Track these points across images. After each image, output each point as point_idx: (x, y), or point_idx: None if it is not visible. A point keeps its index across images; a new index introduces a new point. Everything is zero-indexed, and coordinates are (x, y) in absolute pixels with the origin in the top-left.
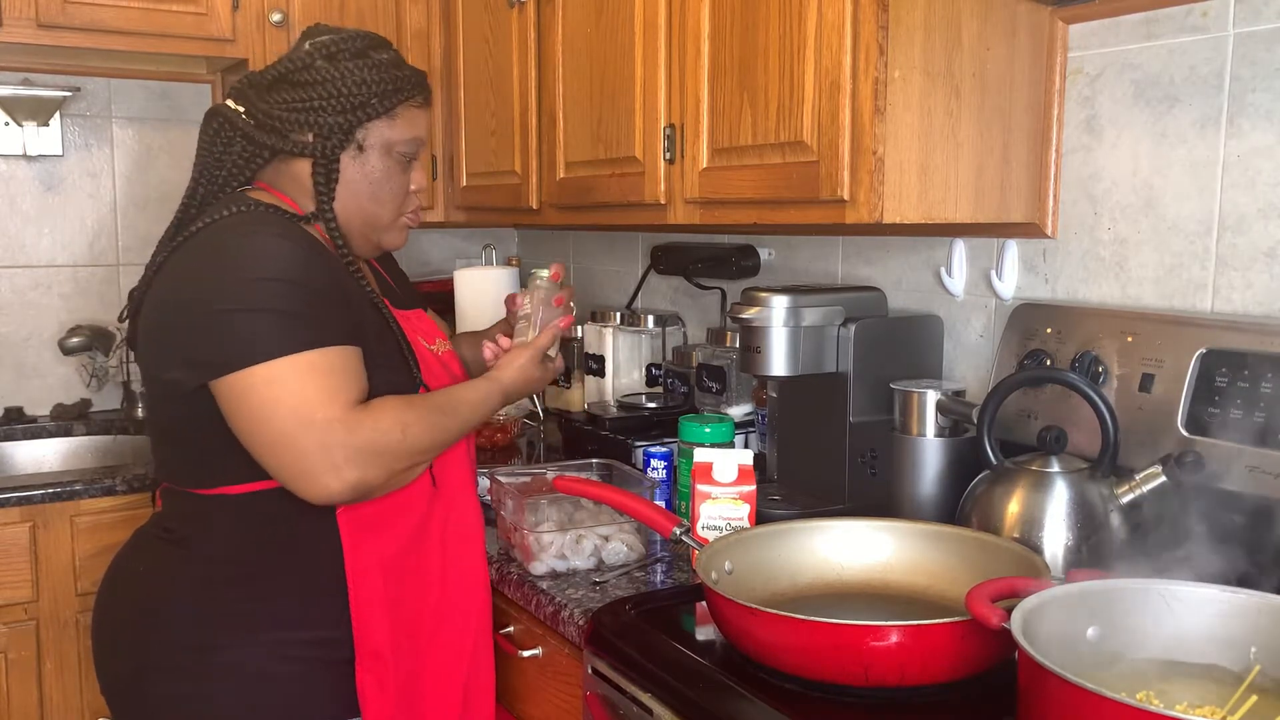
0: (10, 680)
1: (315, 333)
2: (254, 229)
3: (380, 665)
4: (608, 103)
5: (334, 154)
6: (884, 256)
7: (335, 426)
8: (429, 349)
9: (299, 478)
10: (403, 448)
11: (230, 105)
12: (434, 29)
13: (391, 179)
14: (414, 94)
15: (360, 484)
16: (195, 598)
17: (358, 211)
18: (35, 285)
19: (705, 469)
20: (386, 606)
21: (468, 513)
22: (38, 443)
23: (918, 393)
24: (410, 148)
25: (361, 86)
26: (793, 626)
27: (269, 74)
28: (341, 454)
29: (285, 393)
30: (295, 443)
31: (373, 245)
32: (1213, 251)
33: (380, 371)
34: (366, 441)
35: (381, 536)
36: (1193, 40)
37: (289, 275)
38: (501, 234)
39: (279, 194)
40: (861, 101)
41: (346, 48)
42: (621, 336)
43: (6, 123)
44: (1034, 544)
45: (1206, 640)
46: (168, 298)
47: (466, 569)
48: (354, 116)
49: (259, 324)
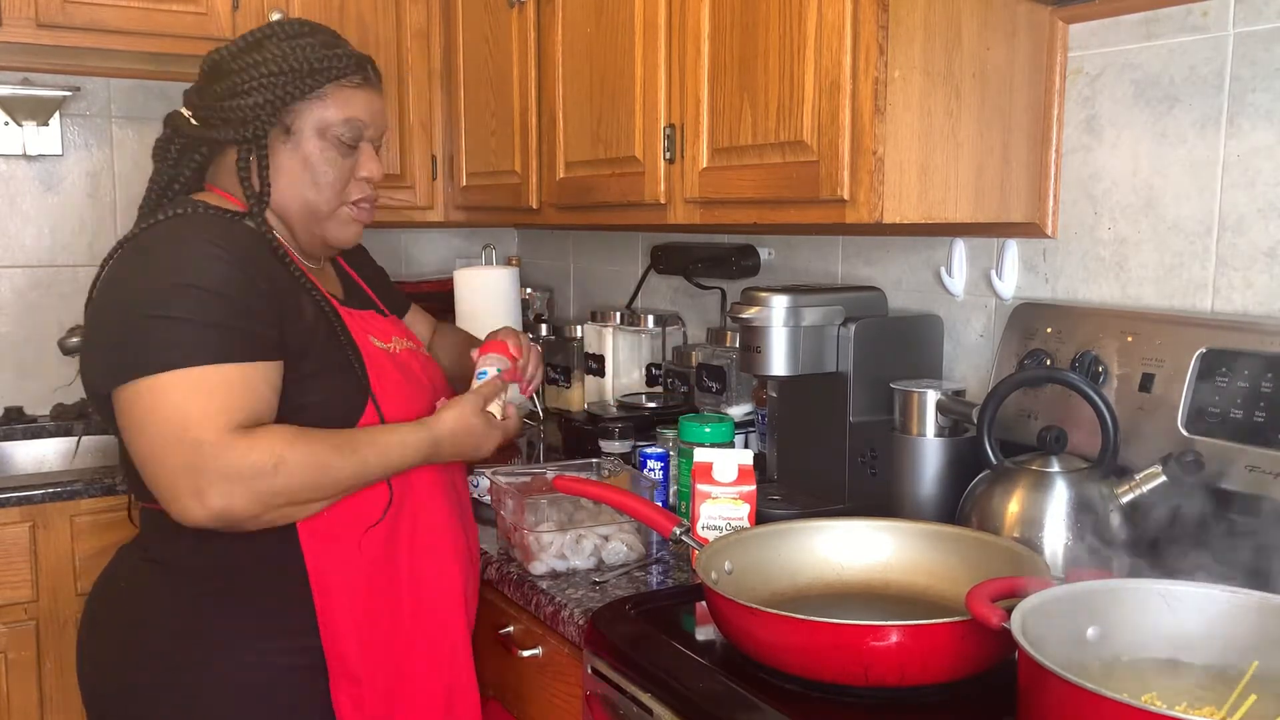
0: (10, 680)
1: (220, 347)
2: (182, 233)
3: (355, 685)
4: (608, 103)
5: (258, 136)
6: (884, 256)
7: (204, 448)
8: (381, 347)
9: (166, 498)
10: (273, 482)
11: (181, 111)
12: (434, 29)
13: (329, 163)
14: (345, 73)
15: (225, 513)
16: (175, 614)
17: (295, 199)
18: (35, 285)
19: (705, 469)
20: (356, 623)
21: (436, 516)
22: (38, 443)
23: (918, 393)
24: (348, 130)
25: (284, 65)
26: (793, 626)
27: (203, 69)
28: (205, 478)
29: (167, 406)
30: (163, 460)
31: (319, 240)
32: (1213, 251)
33: (331, 374)
34: (231, 468)
35: (345, 548)
36: (1193, 40)
37: (207, 284)
38: (501, 234)
39: (224, 194)
40: (861, 101)
41: (277, 33)
42: (621, 336)
43: (6, 123)
44: (1034, 544)
45: (1206, 640)
46: (96, 304)
47: (437, 576)
48: (275, 95)
49: (164, 333)
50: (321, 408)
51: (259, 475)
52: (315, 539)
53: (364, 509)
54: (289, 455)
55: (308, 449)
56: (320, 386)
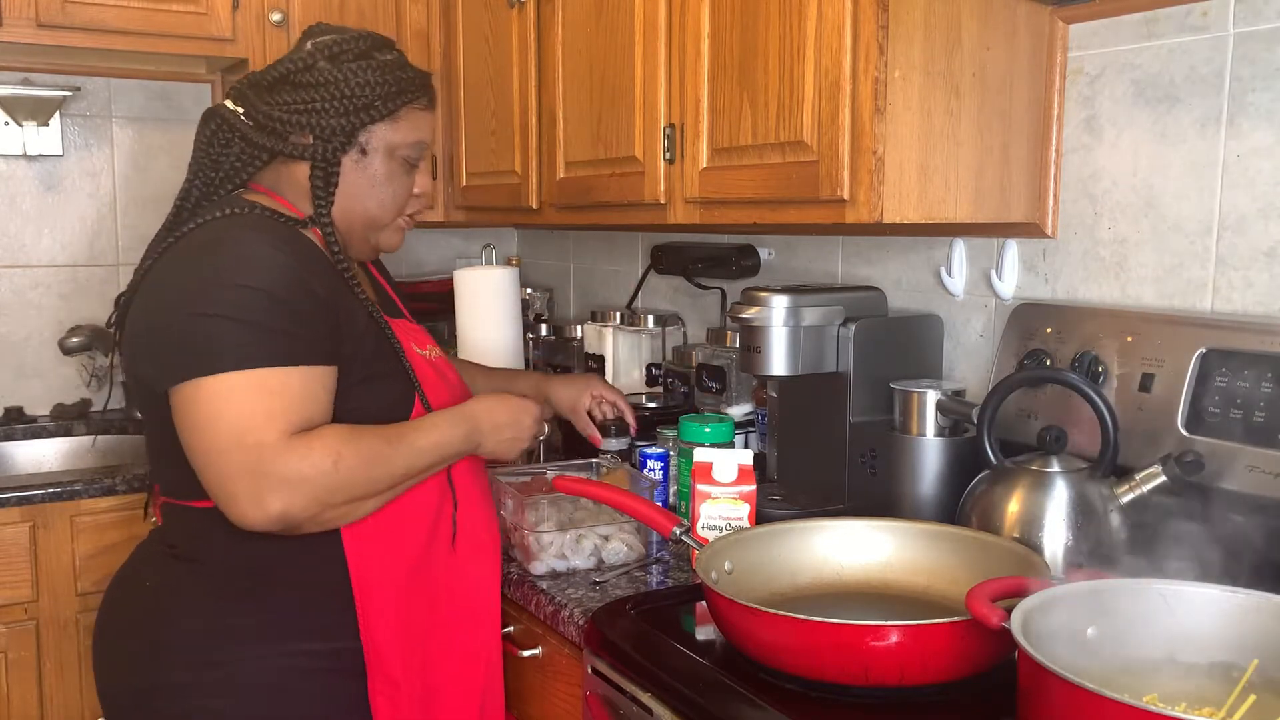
0: (10, 680)
1: (282, 350)
2: (245, 234)
3: (393, 687)
4: (608, 103)
5: (334, 157)
6: (884, 256)
7: (264, 452)
8: (421, 354)
9: (223, 500)
10: (333, 480)
11: (229, 106)
12: (434, 29)
13: (394, 182)
14: (418, 96)
15: (285, 516)
16: (206, 613)
17: (360, 215)
18: (35, 285)
19: (705, 469)
20: (396, 625)
21: (479, 521)
22: (38, 443)
23: (918, 393)
24: (414, 151)
25: (364, 88)
26: (793, 626)
27: (270, 74)
28: (265, 482)
29: (228, 409)
30: (223, 463)
31: (370, 248)
32: (1213, 251)
33: (379, 381)
34: (293, 471)
35: (389, 552)
36: (1193, 40)
37: (271, 287)
38: (501, 234)
39: (277, 197)
40: (861, 101)
41: (350, 48)
42: (621, 336)
43: (6, 123)
44: (1034, 544)
45: (1206, 640)
46: (152, 299)
47: (478, 578)
48: (356, 119)
49: (227, 333)
50: (373, 414)
51: (320, 475)
52: (359, 541)
53: (409, 511)
54: (345, 451)
55: (362, 443)
56: (371, 392)
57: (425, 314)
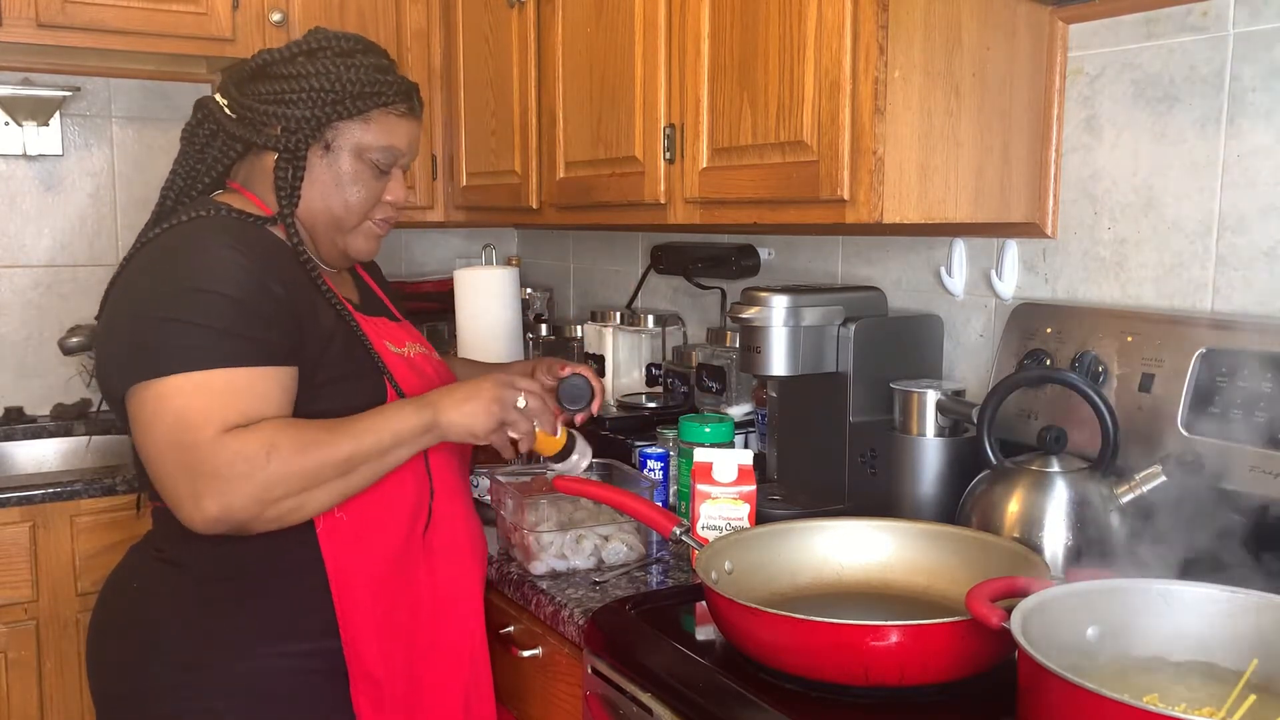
0: (10, 680)
1: (231, 351)
2: (205, 238)
3: (375, 686)
4: (608, 103)
5: (299, 149)
6: (884, 256)
7: (200, 450)
8: (396, 353)
9: (172, 504)
10: (268, 472)
11: (216, 98)
12: (434, 29)
13: (361, 184)
14: (393, 100)
15: (225, 515)
16: (189, 616)
17: (323, 213)
18: (35, 285)
19: (705, 469)
20: (376, 622)
21: (457, 514)
22: (38, 443)
23: (918, 393)
24: (384, 156)
25: (335, 83)
26: (793, 626)
27: (249, 66)
28: (200, 481)
29: (169, 410)
30: (162, 464)
31: (339, 252)
32: (1213, 251)
33: (349, 381)
34: (225, 465)
35: (366, 550)
36: (1193, 40)
37: (226, 289)
38: (501, 234)
39: (249, 194)
40: (861, 101)
41: (332, 46)
42: (621, 336)
43: (6, 123)
44: (1034, 544)
45: (1206, 640)
46: (112, 305)
47: (457, 576)
48: (323, 112)
49: (176, 337)
50: (342, 413)
51: (254, 468)
52: (334, 538)
53: (384, 507)
54: (280, 439)
55: (299, 431)
56: (340, 392)
57: (425, 314)
